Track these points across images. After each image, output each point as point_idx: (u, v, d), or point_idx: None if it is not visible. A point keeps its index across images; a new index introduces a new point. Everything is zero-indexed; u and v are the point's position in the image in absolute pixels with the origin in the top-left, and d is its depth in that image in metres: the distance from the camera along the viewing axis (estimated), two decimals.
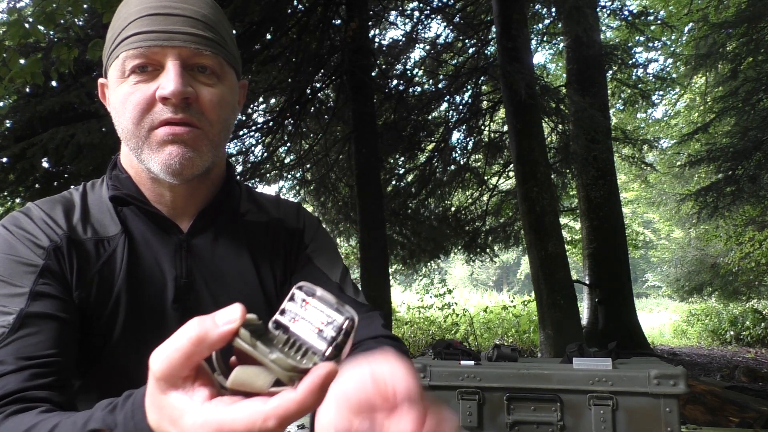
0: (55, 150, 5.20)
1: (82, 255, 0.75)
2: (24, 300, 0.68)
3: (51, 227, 0.75)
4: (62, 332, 0.69)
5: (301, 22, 6.67)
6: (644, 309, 18.31)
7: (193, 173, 0.75)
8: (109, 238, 0.77)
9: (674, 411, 2.01)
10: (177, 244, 0.80)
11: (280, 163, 8.15)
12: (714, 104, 8.86)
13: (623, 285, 7.96)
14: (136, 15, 0.72)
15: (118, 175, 0.82)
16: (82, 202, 0.80)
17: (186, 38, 0.72)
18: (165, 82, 0.71)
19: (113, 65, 0.75)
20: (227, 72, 0.78)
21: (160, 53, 0.71)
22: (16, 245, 0.72)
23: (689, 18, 9.97)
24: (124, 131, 0.74)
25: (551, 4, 7.52)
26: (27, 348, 0.66)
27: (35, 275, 0.70)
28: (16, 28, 3.01)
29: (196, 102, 0.73)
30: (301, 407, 0.39)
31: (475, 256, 9.06)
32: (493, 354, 2.44)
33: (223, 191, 0.85)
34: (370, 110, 6.36)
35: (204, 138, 0.75)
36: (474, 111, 8.64)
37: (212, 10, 0.77)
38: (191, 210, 0.83)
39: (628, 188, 16.33)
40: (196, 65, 0.74)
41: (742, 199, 7.69)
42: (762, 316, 11.02)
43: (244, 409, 0.39)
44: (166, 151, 0.73)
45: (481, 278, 34.09)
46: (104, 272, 0.75)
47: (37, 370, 0.65)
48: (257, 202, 0.92)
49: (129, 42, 0.72)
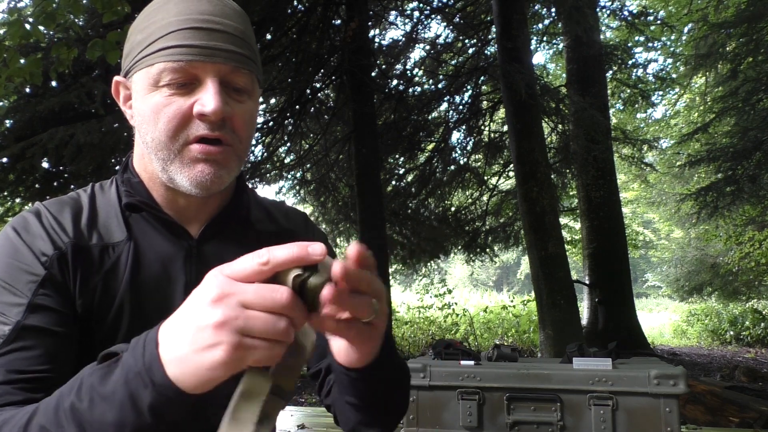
0: (54, 150, 5.20)
1: (86, 262, 0.74)
2: (21, 312, 0.68)
3: (57, 233, 0.74)
4: (58, 348, 0.69)
5: (301, 22, 6.67)
6: (644, 309, 18.30)
7: (219, 189, 0.76)
8: (115, 245, 0.77)
9: (674, 411, 2.01)
10: (187, 250, 0.80)
11: (280, 163, 8.15)
12: (714, 104, 8.87)
13: (623, 285, 7.97)
14: (177, 26, 0.71)
15: (130, 179, 0.81)
16: (90, 205, 0.80)
17: (227, 56, 0.72)
18: (206, 99, 0.71)
19: (144, 71, 0.73)
20: (256, 87, 0.79)
21: (200, 68, 0.71)
22: (21, 250, 0.72)
23: (689, 18, 9.97)
24: (154, 141, 0.74)
25: (551, 4, 7.53)
26: (19, 362, 0.65)
27: (36, 285, 0.70)
28: (17, 28, 3.01)
29: (230, 120, 0.74)
30: (291, 257, 0.46)
31: (475, 256, 9.06)
32: (493, 354, 2.44)
33: (234, 199, 0.85)
34: (370, 110, 6.36)
35: (233, 155, 0.76)
36: (474, 111, 8.65)
37: (246, 25, 0.77)
38: (202, 217, 0.83)
39: (628, 188, 16.34)
40: (231, 83, 0.74)
41: (742, 199, 7.70)
42: (762, 316, 11.02)
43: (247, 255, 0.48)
44: (198, 168, 0.73)
45: (481, 278, 34.09)
46: (108, 279, 0.75)
47: (29, 385, 0.64)
48: (267, 211, 0.93)
49: (168, 53, 0.71)
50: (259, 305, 0.45)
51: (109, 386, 0.51)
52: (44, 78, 3.78)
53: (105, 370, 0.52)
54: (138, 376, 0.49)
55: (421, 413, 2.26)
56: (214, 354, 0.46)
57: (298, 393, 5.67)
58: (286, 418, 3.72)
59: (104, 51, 3.08)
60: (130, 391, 0.50)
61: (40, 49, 4.76)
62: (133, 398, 0.50)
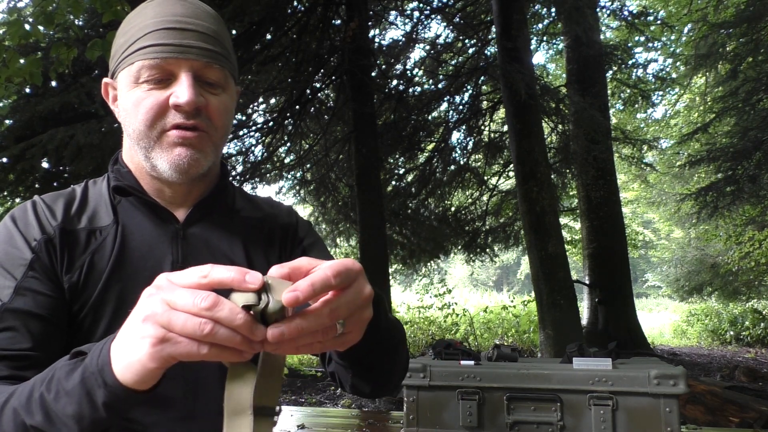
0: (54, 150, 5.20)
1: (73, 244, 0.80)
2: (9, 294, 0.73)
3: (48, 219, 0.80)
4: (43, 329, 0.73)
5: (301, 22, 6.67)
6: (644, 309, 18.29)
7: (197, 172, 0.82)
8: (102, 228, 0.82)
9: (674, 411, 2.01)
10: (174, 232, 0.85)
11: (280, 163, 8.15)
12: (714, 104, 8.86)
13: (623, 285, 7.96)
14: (152, 27, 0.78)
15: (119, 169, 0.88)
16: (82, 195, 0.86)
17: (198, 52, 0.79)
18: (179, 91, 0.77)
19: (126, 70, 0.80)
20: (230, 82, 0.85)
21: (175, 64, 0.78)
22: (15, 237, 0.78)
23: (689, 18, 9.96)
24: (135, 131, 0.80)
25: (551, 4, 7.52)
26: (4, 341, 0.70)
27: (25, 268, 0.76)
28: (16, 28, 3.01)
29: (205, 109, 0.80)
30: (228, 277, 0.48)
31: (475, 256, 9.06)
32: (493, 354, 2.44)
33: (218, 187, 0.91)
34: (370, 110, 6.36)
35: (209, 141, 0.82)
36: (474, 111, 8.65)
37: (219, 25, 0.84)
38: (188, 204, 0.88)
39: (628, 188, 16.33)
40: (204, 77, 0.80)
41: (742, 199, 7.70)
42: (762, 316, 11.02)
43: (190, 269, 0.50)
44: (176, 152, 0.79)
45: (481, 278, 34.08)
46: (94, 260, 0.80)
47: (12, 363, 0.70)
48: (251, 201, 0.98)
49: (145, 52, 0.78)
50: (181, 306, 0.48)
51: (71, 382, 0.56)
52: (44, 78, 3.78)
53: (71, 367, 0.58)
54: (92, 376, 0.55)
55: (421, 413, 2.26)
56: (142, 345, 0.51)
57: (298, 393, 5.67)
58: (286, 418, 3.73)
59: (104, 51, 3.08)
60: (86, 389, 0.55)
61: (40, 49, 4.76)
62: (90, 395, 0.55)
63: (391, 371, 0.81)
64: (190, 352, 0.49)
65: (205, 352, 0.49)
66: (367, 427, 3.64)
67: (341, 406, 5.02)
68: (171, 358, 0.50)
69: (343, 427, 3.63)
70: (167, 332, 0.49)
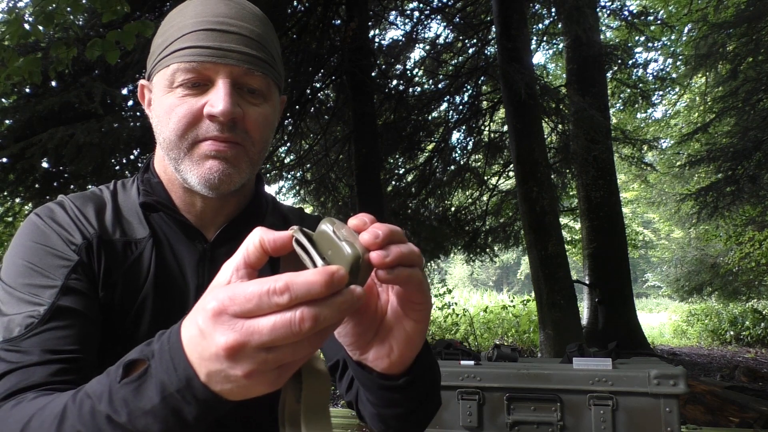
0: (54, 150, 5.19)
1: (110, 255, 0.76)
2: (55, 293, 0.69)
3: (84, 224, 0.76)
4: (87, 330, 0.70)
5: (301, 22, 6.67)
6: (644, 309, 18.31)
7: (229, 189, 0.75)
8: (137, 241, 0.78)
9: (674, 411, 2.01)
10: (201, 252, 0.81)
11: (280, 163, 8.15)
12: (714, 104, 8.86)
13: (623, 285, 7.96)
14: (191, 27, 0.72)
15: (149, 179, 0.82)
16: (113, 202, 0.81)
17: (239, 57, 0.72)
18: (215, 99, 0.71)
19: (161, 73, 0.75)
20: (273, 92, 0.78)
21: (212, 69, 0.72)
22: (51, 237, 0.74)
23: (689, 18, 9.96)
24: (166, 141, 0.75)
25: (551, 4, 7.52)
26: (53, 341, 0.66)
27: (68, 269, 0.71)
28: (16, 28, 3.01)
29: (242, 121, 0.74)
30: (310, 286, 0.40)
31: (475, 256, 9.06)
32: (493, 354, 2.44)
33: (251, 205, 0.86)
34: (370, 110, 6.36)
35: (245, 156, 0.75)
36: (474, 111, 8.65)
37: (265, 28, 0.77)
38: (219, 220, 0.83)
39: (628, 188, 16.34)
40: (245, 85, 0.74)
41: (742, 199, 7.70)
42: (762, 316, 11.02)
43: (258, 280, 0.41)
44: (207, 165, 0.73)
45: (481, 278, 34.10)
46: (130, 274, 0.76)
47: (62, 366, 0.65)
48: (283, 216, 0.93)
49: (181, 54, 0.72)
50: (255, 311, 0.43)
51: (146, 401, 0.49)
52: (44, 78, 3.78)
53: (137, 384, 0.50)
54: (178, 394, 0.48)
55: None
56: (250, 385, 0.45)
57: None
58: None
59: (104, 51, 3.07)
60: (172, 407, 0.48)
61: (40, 48, 4.76)
62: (177, 412, 0.49)
63: (427, 413, 0.72)
64: (302, 355, 0.43)
65: (311, 347, 0.43)
66: (367, 427, 3.63)
67: (341, 406, 5.02)
68: (287, 373, 0.45)
69: (343, 427, 3.62)
70: (266, 355, 0.42)
